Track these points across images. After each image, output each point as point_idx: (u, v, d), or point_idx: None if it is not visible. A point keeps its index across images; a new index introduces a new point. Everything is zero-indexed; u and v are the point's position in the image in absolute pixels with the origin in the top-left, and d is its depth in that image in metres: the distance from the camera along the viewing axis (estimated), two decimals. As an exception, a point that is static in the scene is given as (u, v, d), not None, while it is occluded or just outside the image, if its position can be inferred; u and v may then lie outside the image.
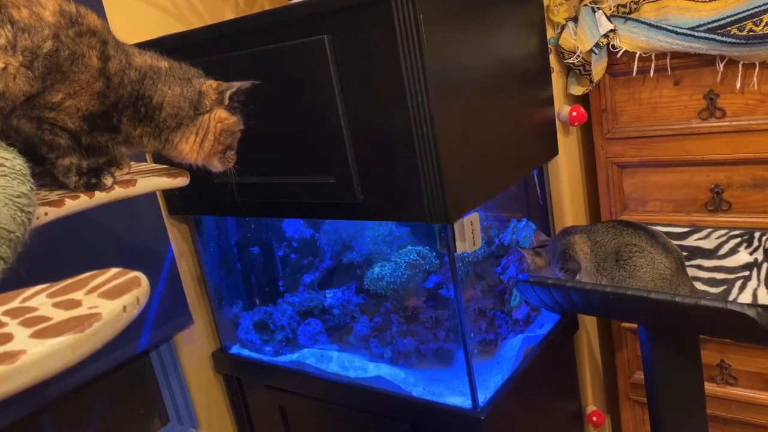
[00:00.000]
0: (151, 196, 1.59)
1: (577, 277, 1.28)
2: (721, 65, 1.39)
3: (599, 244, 1.25)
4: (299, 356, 1.65)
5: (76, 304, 0.45)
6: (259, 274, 1.77)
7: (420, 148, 1.17)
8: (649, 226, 1.24)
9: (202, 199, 1.57)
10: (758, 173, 1.45)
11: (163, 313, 1.63)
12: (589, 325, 1.77)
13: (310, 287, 1.67)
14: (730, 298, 1.16)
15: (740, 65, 1.37)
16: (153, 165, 0.87)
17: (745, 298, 1.14)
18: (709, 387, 1.59)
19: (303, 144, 1.31)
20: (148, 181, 0.69)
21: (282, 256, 1.74)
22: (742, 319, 0.97)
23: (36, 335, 0.41)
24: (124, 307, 0.44)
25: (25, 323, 0.43)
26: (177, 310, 1.67)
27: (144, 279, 0.46)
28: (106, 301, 0.44)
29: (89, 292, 0.46)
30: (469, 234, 1.25)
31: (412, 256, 1.46)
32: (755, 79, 1.37)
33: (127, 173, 0.75)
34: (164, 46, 1.52)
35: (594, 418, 1.75)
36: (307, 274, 1.69)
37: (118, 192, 0.66)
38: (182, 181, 0.77)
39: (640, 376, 1.75)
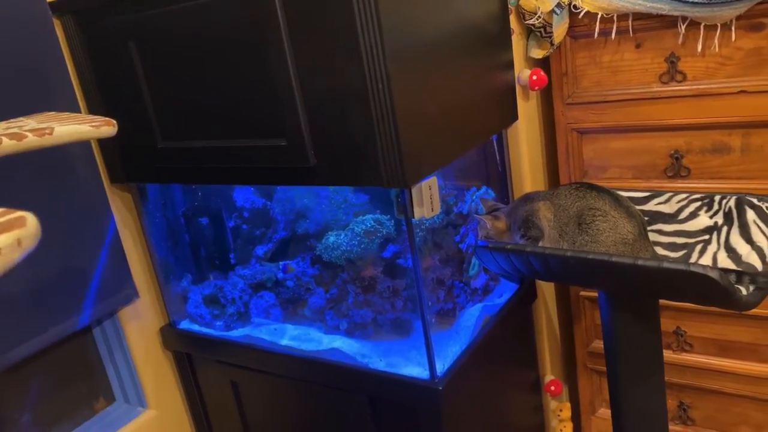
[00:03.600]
0: (89, 163, 1.49)
1: (540, 244, 1.25)
2: (683, 27, 1.36)
3: (562, 208, 1.21)
4: (252, 330, 1.59)
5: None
6: (208, 246, 1.69)
7: (375, 107, 1.11)
8: (613, 190, 1.21)
9: (145, 165, 1.48)
10: (717, 138, 1.43)
11: (106, 287, 1.54)
12: (547, 293, 1.76)
13: (263, 259, 1.60)
14: (691, 262, 1.14)
15: (702, 27, 1.34)
16: (76, 114, 0.78)
17: (705, 261, 1.13)
18: (665, 354, 1.59)
19: (251, 104, 1.24)
20: (67, 128, 0.61)
21: (233, 227, 1.66)
22: (705, 281, 0.95)
23: None
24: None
25: None
26: (120, 284, 1.58)
27: (32, 220, 0.39)
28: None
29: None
30: (427, 199, 1.20)
31: (369, 224, 1.41)
32: (716, 41, 1.35)
33: (44, 120, 0.67)
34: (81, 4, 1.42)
35: (552, 388, 1.74)
36: (260, 245, 1.61)
37: (31, 141, 0.58)
38: (108, 130, 0.69)
39: (597, 345, 1.75)
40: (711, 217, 1.19)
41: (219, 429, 1.79)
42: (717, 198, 1.21)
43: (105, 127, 0.68)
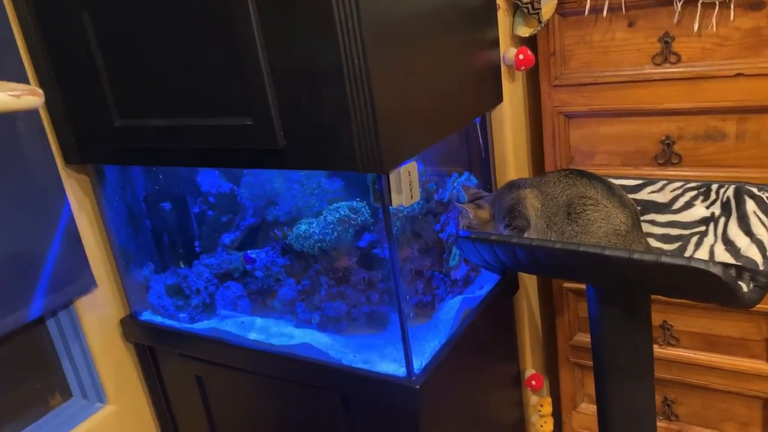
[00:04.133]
0: (40, 142, 1.37)
1: (526, 235, 1.17)
2: (679, 4, 1.28)
3: (550, 197, 1.13)
4: (218, 323, 1.49)
5: None
6: (172, 232, 1.58)
7: (351, 84, 1.01)
8: (605, 178, 1.13)
9: (101, 145, 1.37)
10: (711, 124, 1.36)
11: (60, 276, 1.43)
12: (529, 285, 1.69)
13: (230, 247, 1.50)
14: (686, 255, 1.07)
15: (699, 4, 1.26)
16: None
17: (702, 254, 1.06)
18: (652, 348, 1.53)
19: (215, 80, 1.13)
20: (-21, 98, 0.51)
21: (198, 213, 1.55)
22: (706, 277, 0.88)
23: None
24: None
25: None
26: (77, 273, 1.47)
27: None
28: None
29: None
30: (406, 185, 1.11)
31: (343, 212, 1.31)
32: (714, 20, 1.27)
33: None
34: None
35: (533, 382, 1.68)
36: (227, 233, 1.51)
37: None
38: (31, 101, 0.59)
39: (580, 338, 1.68)
40: (708, 207, 1.12)
41: (184, 425, 1.70)
42: (714, 187, 1.14)
43: (28, 97, 0.57)
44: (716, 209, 1.11)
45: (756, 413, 1.53)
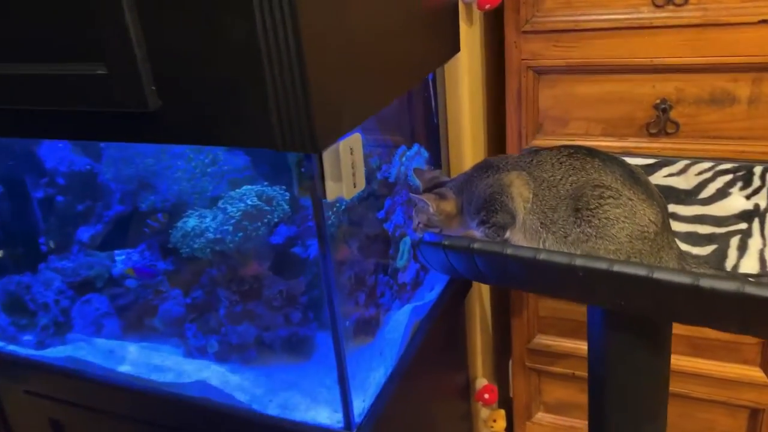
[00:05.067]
0: None
1: (508, 234, 0.84)
2: (697, -76, 0.97)
3: (547, 184, 0.81)
4: (76, 350, 1.09)
5: None
6: (6, 226, 1.13)
7: (264, 14, 0.63)
8: (622, 158, 0.81)
9: None
10: (718, 85, 1.09)
11: None
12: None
13: (90, 246, 1.08)
14: (728, 264, 0.78)
15: (723, -75, 0.96)
16: None
17: (750, 264, 0.78)
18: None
19: (51, 8, 0.72)
20: None
21: (42, 199, 1.11)
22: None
23: None
24: None
25: None
26: None
27: None
28: None
29: None
30: (347, 169, 0.75)
31: (250, 201, 0.94)
32: (738, -52, 0.98)
33: None
34: None
35: (486, 396, 1.39)
36: (85, 226, 1.09)
37: None
38: None
39: (540, 340, 1.41)
40: (748, 197, 0.84)
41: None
42: (758, 170, 0.86)
43: None
44: (761, 200, 0.83)
45: (741, 423, 1.32)
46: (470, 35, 1.16)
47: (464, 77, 1.15)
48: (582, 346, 1.38)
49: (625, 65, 1.12)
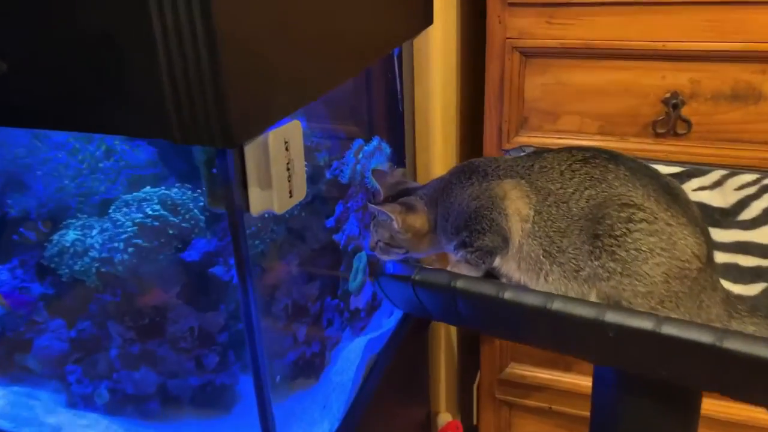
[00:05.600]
0: None
1: (498, 263, 0.63)
2: None
3: (554, 200, 0.60)
4: None
5: None
6: None
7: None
8: (650, 165, 0.61)
9: None
10: (743, 77, 0.90)
11: None
12: (448, 300, 1.17)
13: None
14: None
15: None
16: None
17: (815, 311, 0.58)
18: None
19: None
20: None
21: None
22: None
23: None
24: None
25: None
26: None
27: None
28: None
29: None
30: (280, 171, 0.52)
31: (150, 209, 0.69)
32: None
33: None
34: None
35: (450, 435, 1.19)
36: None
37: None
38: None
39: (513, 370, 1.22)
40: (806, 221, 0.65)
41: None
42: (819, 187, 0.66)
43: None
44: (824, 226, 0.64)
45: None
46: (446, 5, 0.94)
47: (436, 57, 0.93)
48: (561, 378, 1.19)
49: (631, 49, 0.92)
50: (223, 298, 0.77)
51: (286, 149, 0.53)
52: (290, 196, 0.55)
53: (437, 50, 0.93)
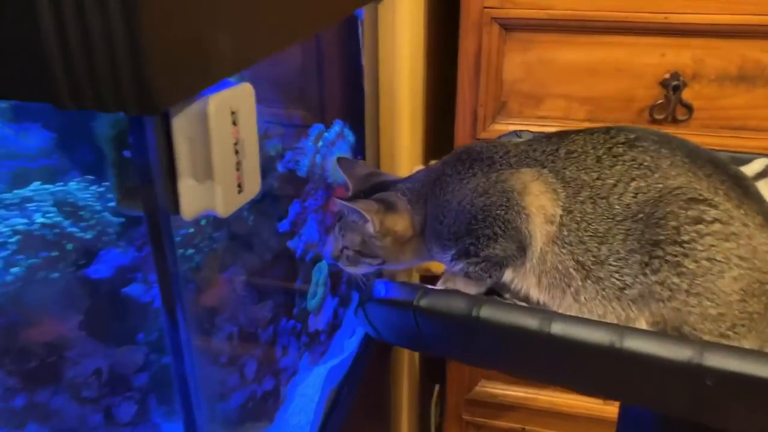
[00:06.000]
0: None
1: (508, 276, 0.48)
2: None
3: (590, 194, 0.46)
4: None
5: None
6: None
7: None
8: (712, 151, 0.47)
9: None
10: (752, 56, 0.79)
11: None
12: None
13: None
14: None
15: None
16: None
17: None
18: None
19: None
20: None
21: None
22: None
23: None
24: None
25: None
26: None
27: None
28: None
29: None
30: (225, 154, 0.35)
31: (41, 212, 0.51)
32: None
33: None
34: None
35: (412, 467, 1.04)
36: None
37: None
38: None
39: (483, 388, 1.08)
40: None
41: None
42: None
43: None
44: None
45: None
46: (413, -35, 0.79)
47: (404, 27, 0.78)
48: (536, 396, 1.07)
49: (627, 22, 0.80)
50: (142, 327, 0.59)
51: (234, 123, 0.37)
52: (239, 192, 0.38)
53: (404, 19, 0.78)
